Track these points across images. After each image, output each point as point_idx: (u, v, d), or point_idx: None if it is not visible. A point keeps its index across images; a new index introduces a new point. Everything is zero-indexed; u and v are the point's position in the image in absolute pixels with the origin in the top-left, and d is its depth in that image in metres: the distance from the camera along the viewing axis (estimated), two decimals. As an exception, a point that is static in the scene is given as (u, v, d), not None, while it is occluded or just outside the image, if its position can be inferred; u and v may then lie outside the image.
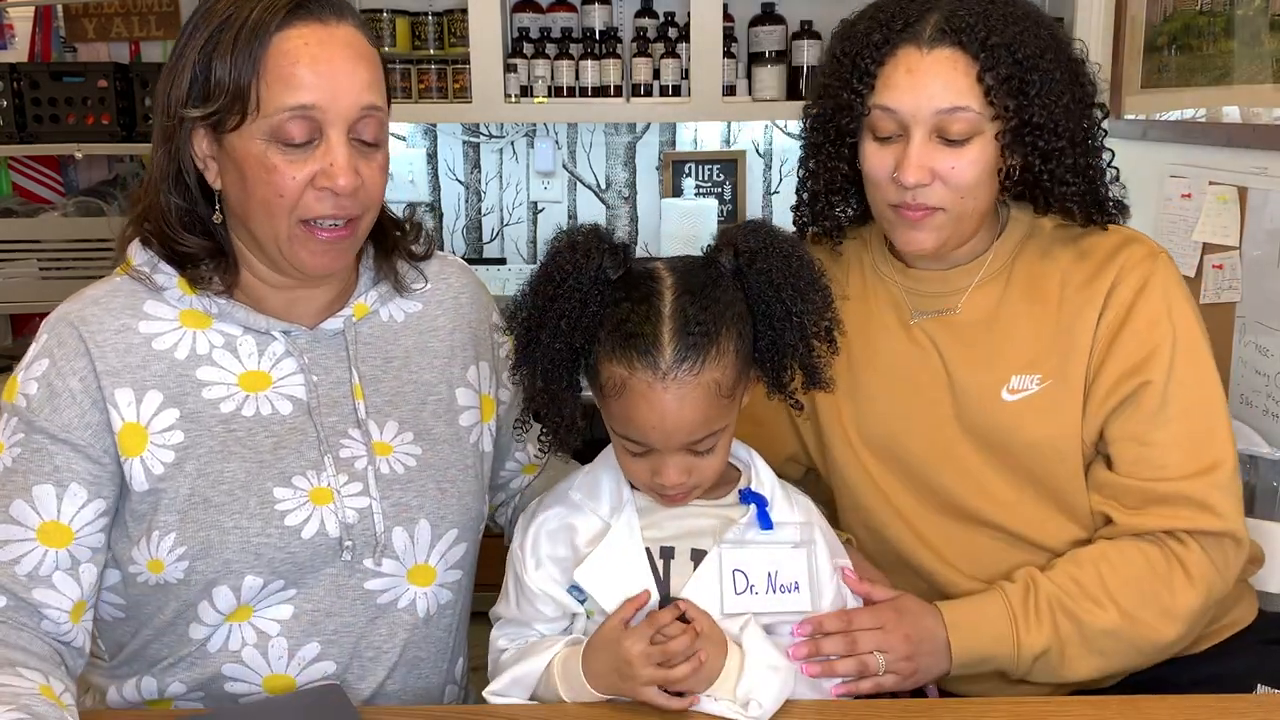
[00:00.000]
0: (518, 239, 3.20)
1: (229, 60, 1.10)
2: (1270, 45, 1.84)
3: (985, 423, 1.28)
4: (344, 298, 1.26)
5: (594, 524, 1.17)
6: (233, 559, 1.15)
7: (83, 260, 2.85)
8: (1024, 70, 1.19)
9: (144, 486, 1.14)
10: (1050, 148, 1.22)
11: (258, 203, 1.13)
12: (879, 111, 1.23)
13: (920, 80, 1.20)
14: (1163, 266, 1.27)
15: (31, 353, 1.17)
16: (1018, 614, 1.22)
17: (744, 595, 1.13)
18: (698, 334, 1.06)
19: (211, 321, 1.20)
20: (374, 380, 1.25)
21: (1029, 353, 1.28)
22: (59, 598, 1.12)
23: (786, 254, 1.11)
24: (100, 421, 1.14)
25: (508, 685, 1.16)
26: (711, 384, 1.07)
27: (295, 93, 1.10)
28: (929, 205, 1.22)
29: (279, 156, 1.11)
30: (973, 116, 1.19)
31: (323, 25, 1.13)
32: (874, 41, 1.23)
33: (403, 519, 1.22)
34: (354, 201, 1.14)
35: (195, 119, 1.13)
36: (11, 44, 3.16)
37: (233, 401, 1.18)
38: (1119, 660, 1.23)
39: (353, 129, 1.14)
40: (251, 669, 1.19)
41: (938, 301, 1.33)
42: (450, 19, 2.91)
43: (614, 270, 1.09)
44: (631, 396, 1.07)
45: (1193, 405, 1.24)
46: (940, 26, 1.20)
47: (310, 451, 1.19)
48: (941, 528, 1.32)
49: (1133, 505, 1.24)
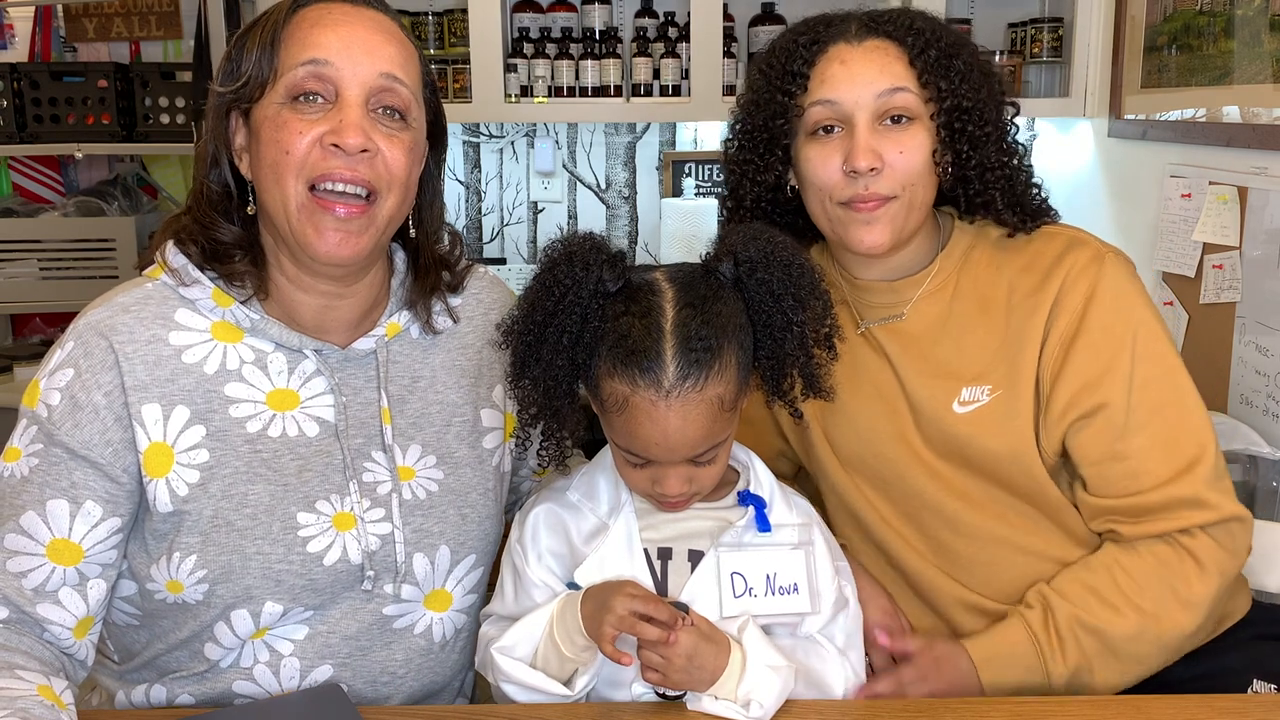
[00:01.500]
0: (518, 239, 3.20)
1: (257, 43, 1.13)
2: (1270, 45, 1.84)
3: (943, 434, 1.29)
4: (375, 313, 1.25)
5: (592, 524, 1.17)
6: (253, 585, 1.14)
7: (83, 260, 2.86)
8: (948, 57, 1.24)
9: (168, 508, 1.12)
10: (979, 133, 1.26)
11: (269, 166, 1.11)
12: (818, 107, 1.25)
13: (856, 70, 1.24)
14: (1110, 267, 1.26)
15: (56, 359, 1.14)
16: (1041, 641, 1.22)
17: (743, 598, 1.13)
18: (700, 349, 1.05)
19: (243, 335, 1.17)
20: (400, 401, 1.24)
21: (977, 364, 1.28)
22: (64, 614, 1.11)
23: (787, 262, 1.10)
24: (123, 439, 1.11)
25: (513, 640, 1.13)
26: (714, 399, 1.07)
27: (310, 50, 1.11)
28: (881, 194, 1.24)
29: (291, 114, 1.11)
30: (911, 97, 1.24)
31: (350, 4, 1.15)
32: (802, 44, 1.27)
33: (424, 545, 1.21)
34: (368, 168, 1.11)
35: (225, 96, 1.14)
36: (11, 44, 3.15)
37: (259, 421, 1.16)
38: (1148, 662, 1.23)
39: (373, 97, 1.12)
40: (262, 686, 1.18)
41: (885, 309, 1.34)
42: (450, 19, 2.91)
43: (613, 282, 1.08)
44: (634, 414, 1.06)
45: (1162, 404, 1.24)
46: (865, 23, 1.27)
47: (335, 475, 1.18)
48: (921, 531, 1.32)
49: (1132, 519, 1.24)
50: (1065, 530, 1.29)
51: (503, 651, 1.13)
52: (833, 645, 1.18)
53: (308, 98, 1.11)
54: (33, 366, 2.70)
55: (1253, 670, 1.26)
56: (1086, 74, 2.62)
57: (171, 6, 3.08)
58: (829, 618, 1.18)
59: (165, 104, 2.85)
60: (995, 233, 1.34)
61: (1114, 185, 2.55)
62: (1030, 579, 1.28)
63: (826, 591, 1.18)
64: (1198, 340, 2.04)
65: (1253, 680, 1.25)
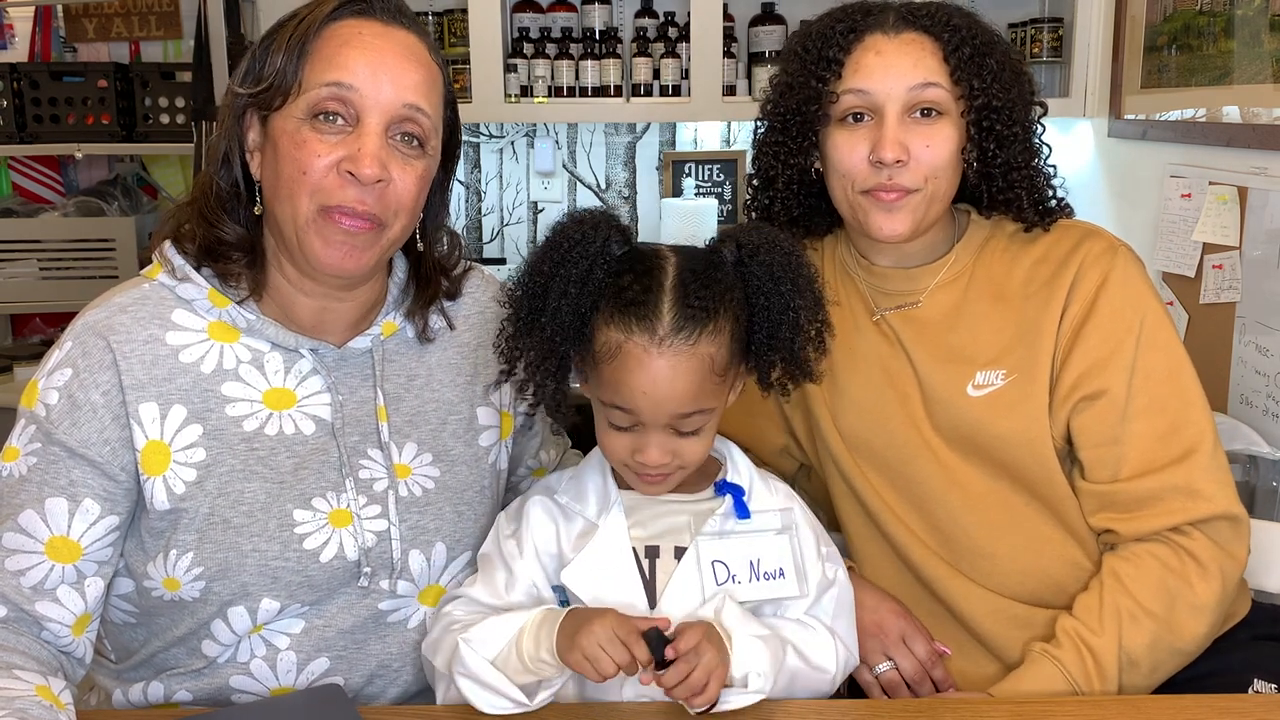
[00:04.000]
0: (518, 239, 3.20)
1: (283, 49, 1.12)
2: (1270, 45, 1.84)
3: (953, 419, 1.30)
4: (373, 313, 1.25)
5: (580, 525, 1.17)
6: (250, 581, 1.14)
7: (83, 260, 2.86)
8: (981, 55, 1.25)
9: (165, 506, 1.13)
10: (1007, 133, 1.27)
11: (283, 180, 1.12)
12: (850, 96, 1.26)
13: (890, 61, 1.25)
14: (1122, 259, 1.29)
15: (54, 359, 1.14)
16: (1079, 682, 1.20)
17: (726, 585, 1.13)
18: (697, 307, 1.07)
19: (239, 335, 1.18)
20: (396, 399, 1.24)
21: (993, 349, 1.30)
22: (62, 611, 1.11)
23: (787, 251, 1.13)
24: (120, 437, 1.12)
25: (483, 636, 1.09)
26: (706, 357, 1.08)
27: (336, 71, 1.10)
28: (904, 186, 1.25)
29: (311, 133, 1.10)
30: (942, 92, 1.25)
31: (382, 24, 1.14)
32: (839, 31, 1.28)
33: (420, 542, 1.22)
34: (377, 199, 1.12)
35: (245, 98, 1.14)
36: (11, 44, 3.16)
37: (256, 420, 1.16)
38: (1164, 669, 1.23)
39: (393, 125, 1.12)
40: (259, 681, 1.18)
41: (901, 298, 1.36)
42: (450, 19, 2.90)
43: (618, 246, 1.10)
44: (625, 360, 1.07)
45: (1163, 394, 1.25)
46: (902, 15, 1.28)
47: (331, 473, 1.18)
48: (927, 520, 1.33)
49: (1127, 512, 1.24)
50: (1067, 526, 1.29)
51: (469, 644, 1.09)
52: (821, 624, 1.19)
53: (328, 117, 1.11)
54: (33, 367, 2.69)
55: (1253, 670, 1.26)
56: (1086, 74, 2.62)
57: (171, 6, 3.08)
58: (814, 598, 1.18)
59: (165, 104, 2.85)
60: (1011, 226, 1.35)
61: (1114, 185, 2.55)
62: (1031, 572, 1.29)
63: (812, 573, 1.18)
64: (1198, 340, 2.04)
65: (1253, 680, 1.25)
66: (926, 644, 1.31)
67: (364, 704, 1.20)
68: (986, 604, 1.29)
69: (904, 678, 1.30)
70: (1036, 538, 1.29)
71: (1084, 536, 1.29)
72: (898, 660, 1.30)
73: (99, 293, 1.20)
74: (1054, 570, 1.29)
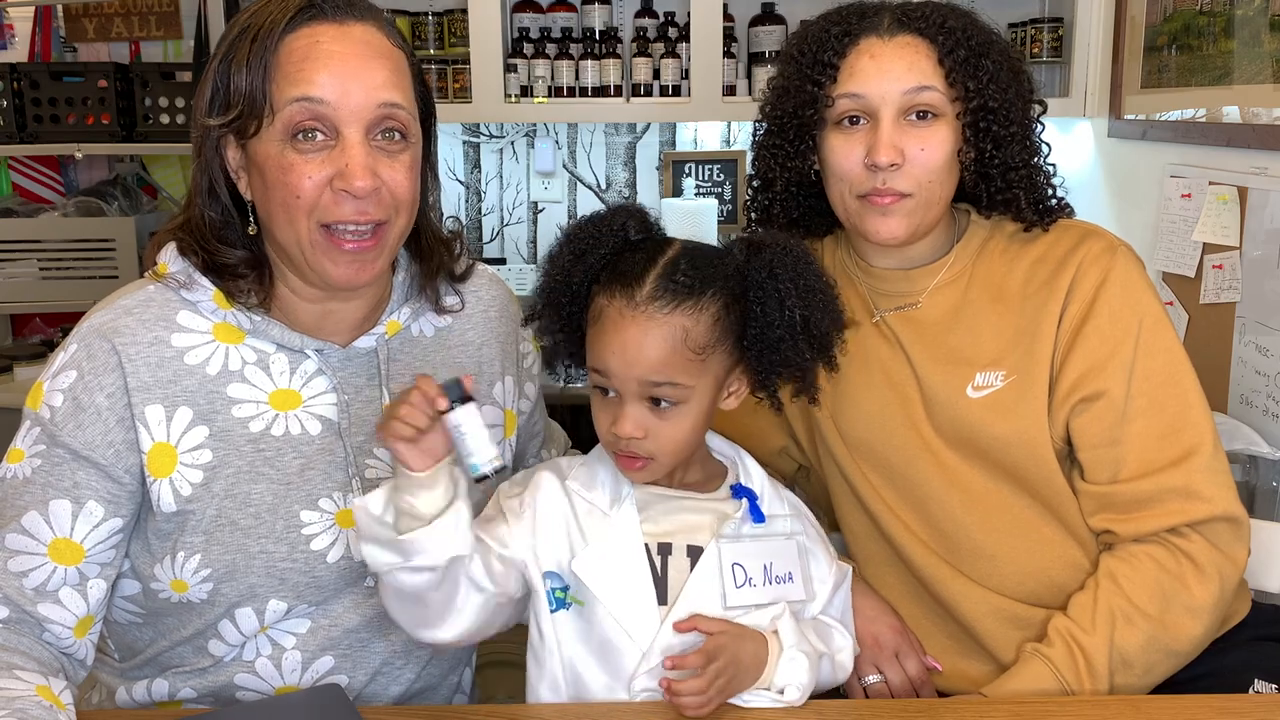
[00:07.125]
0: (518, 239, 3.20)
1: (244, 68, 1.10)
2: (1270, 45, 1.84)
3: (953, 420, 1.30)
4: (378, 312, 1.25)
5: (588, 510, 1.17)
6: (257, 583, 1.14)
7: (83, 260, 2.85)
8: (977, 56, 1.25)
9: (171, 508, 1.13)
10: (1004, 133, 1.27)
11: (278, 205, 1.11)
12: (845, 99, 1.27)
13: (885, 64, 1.25)
14: (1122, 259, 1.29)
15: (59, 361, 1.14)
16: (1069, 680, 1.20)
17: (744, 588, 1.15)
18: (680, 283, 1.10)
19: (244, 336, 1.18)
20: None
21: (992, 350, 1.30)
22: (64, 613, 1.11)
23: (796, 256, 1.15)
24: (125, 440, 1.12)
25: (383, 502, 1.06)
26: (679, 328, 1.09)
27: (303, 86, 1.09)
28: (898, 191, 1.26)
29: (295, 155, 1.09)
30: (937, 95, 1.25)
31: (336, 25, 1.12)
32: (834, 34, 1.28)
33: None
34: (375, 205, 1.12)
35: (218, 128, 1.12)
36: (11, 44, 3.16)
37: (262, 421, 1.16)
38: (1159, 670, 1.23)
39: (372, 128, 1.11)
40: (264, 679, 1.19)
41: (900, 299, 1.36)
42: (450, 19, 2.90)
43: (635, 232, 1.15)
44: (604, 323, 1.11)
45: (1163, 395, 1.25)
46: (898, 17, 1.27)
47: (338, 473, 1.18)
48: (927, 521, 1.33)
49: (1125, 513, 1.24)
50: (1067, 527, 1.29)
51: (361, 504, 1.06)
52: (838, 623, 1.23)
53: (308, 135, 1.10)
54: (33, 366, 2.71)
55: (1253, 670, 1.26)
56: (1086, 74, 2.62)
57: (171, 6, 3.08)
58: (827, 599, 1.22)
59: (165, 104, 2.85)
60: (1011, 227, 1.36)
61: (1114, 185, 2.55)
62: (1031, 572, 1.29)
63: (823, 576, 1.22)
64: (1198, 340, 2.04)
65: (1253, 680, 1.25)
66: (919, 662, 1.32)
67: (366, 702, 1.21)
68: (986, 604, 1.29)
69: (891, 692, 1.31)
70: (1036, 539, 1.29)
71: (1084, 537, 1.29)
72: (888, 675, 1.31)
73: (99, 293, 1.20)
74: (1054, 571, 1.29)
